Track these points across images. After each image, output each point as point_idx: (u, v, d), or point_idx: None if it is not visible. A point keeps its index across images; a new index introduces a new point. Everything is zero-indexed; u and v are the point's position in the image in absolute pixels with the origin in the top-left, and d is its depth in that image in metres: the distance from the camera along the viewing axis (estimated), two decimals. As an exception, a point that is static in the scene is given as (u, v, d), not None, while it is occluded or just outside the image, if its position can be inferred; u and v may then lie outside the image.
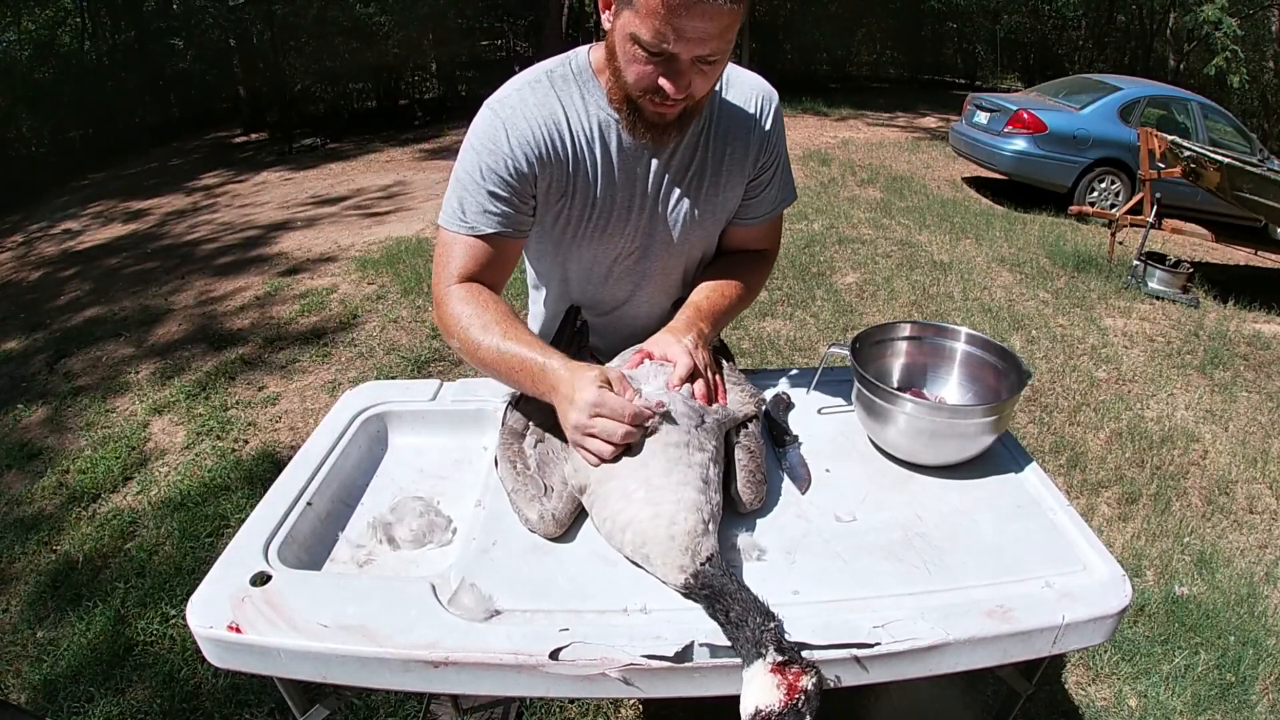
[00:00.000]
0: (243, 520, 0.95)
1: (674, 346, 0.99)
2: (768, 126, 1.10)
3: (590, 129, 1.02)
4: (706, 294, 1.12)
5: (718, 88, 1.07)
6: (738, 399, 1.03)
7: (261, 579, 0.85)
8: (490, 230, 1.03)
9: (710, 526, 0.83)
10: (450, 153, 8.57)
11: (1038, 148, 6.40)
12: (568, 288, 1.21)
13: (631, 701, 1.78)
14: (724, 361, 1.13)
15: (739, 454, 0.95)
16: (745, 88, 1.10)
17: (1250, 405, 3.23)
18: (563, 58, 1.05)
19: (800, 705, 0.68)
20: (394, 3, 9.84)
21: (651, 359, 1.01)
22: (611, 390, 0.88)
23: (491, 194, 1.01)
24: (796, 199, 1.23)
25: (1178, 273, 4.44)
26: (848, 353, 1.09)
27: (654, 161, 1.06)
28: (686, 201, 1.10)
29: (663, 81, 0.89)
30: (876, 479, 1.03)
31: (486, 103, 1.04)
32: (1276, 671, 1.90)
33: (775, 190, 1.16)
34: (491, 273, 1.06)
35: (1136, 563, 2.28)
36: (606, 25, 0.93)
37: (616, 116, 1.01)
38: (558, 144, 1.01)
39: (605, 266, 1.15)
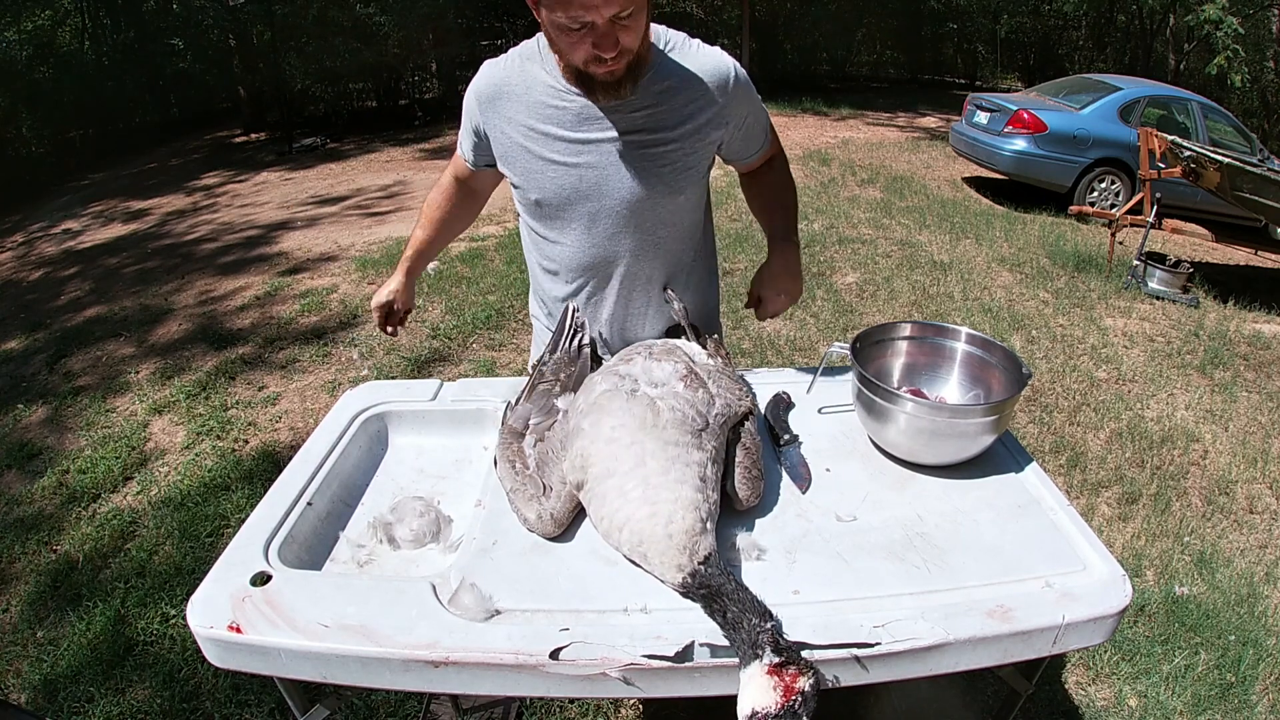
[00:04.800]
0: (243, 520, 0.95)
1: (790, 287, 1.33)
2: (729, 87, 1.17)
3: (538, 93, 1.17)
4: (775, 207, 1.37)
5: (673, 53, 1.16)
6: (734, 395, 1.02)
7: (262, 579, 0.85)
8: (464, 155, 1.32)
9: (708, 525, 0.83)
10: (450, 152, 8.52)
11: (1038, 148, 6.39)
12: (562, 254, 1.27)
13: (631, 701, 1.78)
14: (719, 359, 1.13)
15: (736, 451, 0.96)
16: (703, 57, 1.17)
17: (1250, 405, 3.23)
18: (538, 36, 1.17)
19: (797, 707, 0.68)
20: (394, 3, 9.82)
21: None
22: (394, 303, 1.43)
23: (463, 127, 1.28)
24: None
25: (1178, 273, 4.44)
26: (848, 352, 1.09)
27: (601, 117, 1.14)
28: (640, 152, 1.16)
29: (596, 51, 1.02)
30: (877, 479, 1.03)
31: None
32: (1276, 671, 1.89)
33: (758, 131, 1.28)
34: (470, 180, 1.38)
35: (1136, 563, 2.28)
36: (540, 20, 1.06)
37: (572, 87, 1.14)
38: (500, 103, 1.19)
39: (582, 225, 1.21)
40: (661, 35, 1.17)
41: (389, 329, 1.47)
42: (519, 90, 1.16)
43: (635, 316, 1.29)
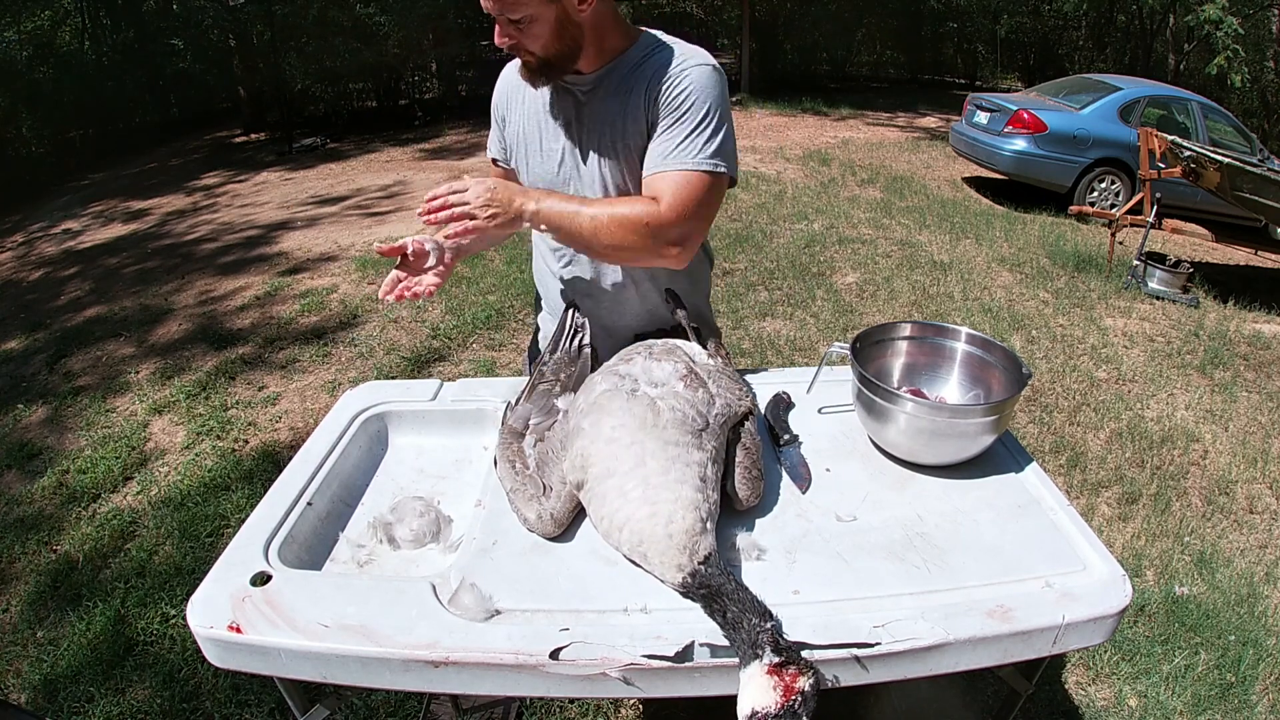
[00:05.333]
0: (243, 520, 0.95)
1: (473, 183, 1.08)
2: (665, 75, 1.12)
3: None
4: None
5: (658, 50, 1.16)
6: (734, 395, 1.02)
7: (262, 579, 0.85)
8: (491, 154, 1.37)
9: (708, 525, 0.83)
10: (450, 152, 8.59)
11: (1038, 148, 6.39)
12: (548, 240, 1.30)
13: (631, 701, 1.78)
14: (718, 358, 1.13)
15: (736, 451, 0.96)
16: (675, 49, 1.16)
17: (1250, 405, 3.23)
18: None
19: (797, 706, 0.68)
20: (394, 3, 9.82)
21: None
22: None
23: (491, 130, 1.35)
24: (713, 174, 1.11)
25: (1178, 273, 4.44)
26: (848, 352, 1.09)
27: (575, 107, 1.19)
28: (608, 141, 1.18)
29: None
30: (877, 479, 1.03)
31: None
32: (1276, 671, 1.89)
33: (666, 144, 1.11)
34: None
35: (1136, 563, 2.28)
36: None
37: None
38: (515, 94, 1.27)
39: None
40: (653, 35, 1.19)
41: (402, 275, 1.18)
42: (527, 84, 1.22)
43: (612, 304, 1.30)
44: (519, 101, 1.26)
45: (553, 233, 1.13)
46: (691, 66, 1.12)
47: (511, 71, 1.28)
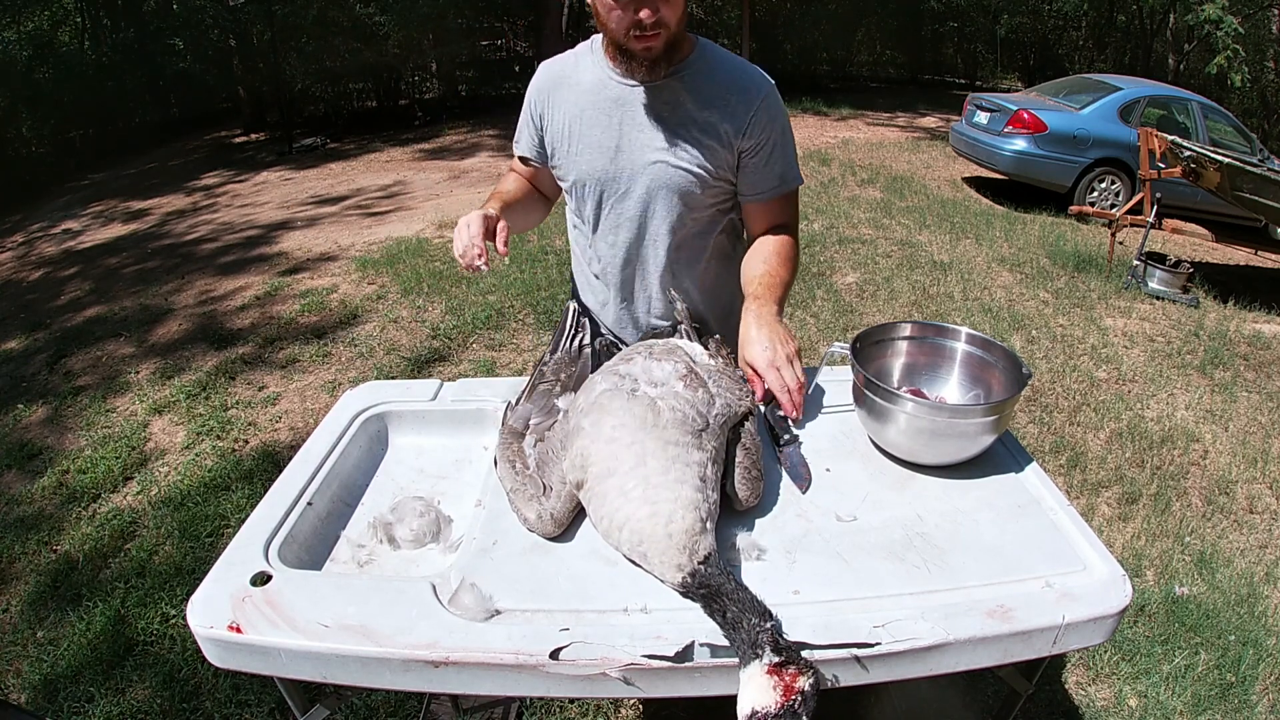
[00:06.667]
0: (243, 520, 0.95)
1: (759, 357, 1.07)
2: (753, 106, 1.20)
3: (585, 80, 1.25)
4: (762, 271, 1.22)
5: (713, 56, 1.22)
6: (734, 395, 1.02)
7: (262, 579, 0.85)
8: (520, 152, 1.35)
9: (708, 525, 0.83)
10: (450, 152, 8.59)
11: (1038, 148, 6.39)
12: (579, 238, 1.38)
13: (631, 701, 1.78)
14: (720, 359, 1.13)
15: (736, 451, 0.95)
16: (741, 70, 1.22)
17: (1250, 405, 3.23)
18: (596, 35, 1.27)
19: (797, 706, 0.68)
20: (394, 3, 9.82)
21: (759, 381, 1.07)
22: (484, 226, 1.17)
23: (521, 124, 1.34)
24: (803, 183, 1.33)
25: (1178, 273, 4.44)
26: (848, 352, 1.09)
27: (635, 103, 1.21)
28: (665, 142, 1.21)
29: (638, 15, 1.07)
30: (877, 479, 1.03)
31: None
32: (1276, 671, 1.89)
33: (778, 168, 1.26)
34: (530, 179, 1.40)
35: (1136, 563, 2.28)
36: (588, 2, 1.15)
37: (612, 73, 1.21)
38: (557, 91, 1.27)
39: (604, 206, 1.29)
40: (709, 43, 1.24)
41: (480, 258, 1.13)
42: (573, 79, 1.25)
43: (634, 300, 1.35)
44: (562, 98, 1.26)
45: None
46: (771, 89, 1.22)
47: (550, 68, 1.29)
